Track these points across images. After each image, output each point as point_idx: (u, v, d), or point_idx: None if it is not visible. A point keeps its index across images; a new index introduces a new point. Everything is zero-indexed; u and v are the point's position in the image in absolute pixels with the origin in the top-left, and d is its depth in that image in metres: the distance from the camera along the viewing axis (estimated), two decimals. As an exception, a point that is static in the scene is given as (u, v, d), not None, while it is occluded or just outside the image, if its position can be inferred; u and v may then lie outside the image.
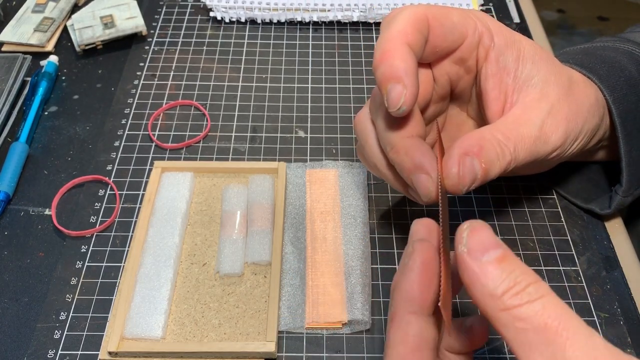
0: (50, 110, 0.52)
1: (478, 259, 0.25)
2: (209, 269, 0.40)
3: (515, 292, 0.24)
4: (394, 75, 0.31)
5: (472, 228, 0.26)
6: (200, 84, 0.54)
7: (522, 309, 0.23)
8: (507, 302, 0.24)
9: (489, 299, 0.24)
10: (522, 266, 0.25)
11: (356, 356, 0.36)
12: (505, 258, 0.25)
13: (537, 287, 0.24)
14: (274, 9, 0.60)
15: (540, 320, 0.23)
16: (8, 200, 0.44)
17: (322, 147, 0.48)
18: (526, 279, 0.24)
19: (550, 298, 0.23)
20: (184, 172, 0.45)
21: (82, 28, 0.57)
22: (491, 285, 0.24)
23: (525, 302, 0.23)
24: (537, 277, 0.24)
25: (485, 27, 0.35)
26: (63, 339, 0.37)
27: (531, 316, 0.23)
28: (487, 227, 0.26)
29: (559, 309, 0.23)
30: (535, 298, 0.23)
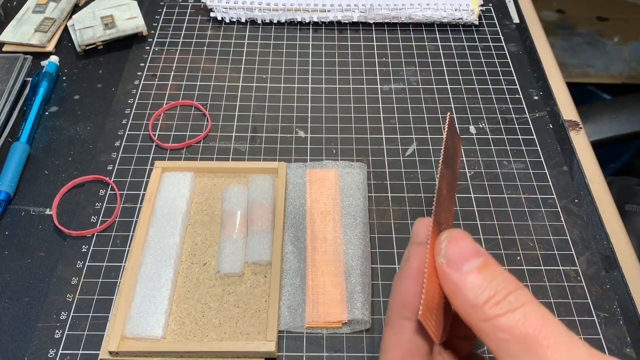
0: (51, 111, 0.52)
1: (457, 269, 0.25)
2: (209, 269, 0.40)
3: (496, 302, 0.24)
4: None
5: (450, 238, 0.25)
6: (201, 84, 0.54)
7: (503, 318, 0.23)
8: (488, 312, 0.24)
9: (471, 309, 0.24)
10: (504, 273, 0.25)
11: (356, 356, 0.36)
12: (486, 266, 0.25)
13: (518, 295, 0.24)
14: (274, 10, 0.60)
15: (522, 329, 0.23)
16: (9, 200, 0.44)
17: (322, 147, 0.48)
18: (507, 287, 0.24)
19: (532, 306, 0.23)
20: (185, 172, 0.45)
21: (82, 28, 0.57)
22: (471, 295, 0.24)
23: (506, 311, 0.23)
24: (519, 285, 0.24)
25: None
26: (64, 339, 0.37)
27: (512, 326, 0.23)
28: (466, 236, 0.26)
29: (540, 316, 0.23)
30: (517, 307, 0.23)
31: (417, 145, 0.48)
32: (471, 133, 0.49)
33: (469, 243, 0.25)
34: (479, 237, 0.42)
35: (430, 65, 0.56)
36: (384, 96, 0.53)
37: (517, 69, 0.55)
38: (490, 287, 0.24)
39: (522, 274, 0.40)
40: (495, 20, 0.61)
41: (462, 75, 0.55)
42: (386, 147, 0.48)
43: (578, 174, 0.46)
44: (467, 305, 0.24)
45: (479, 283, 0.24)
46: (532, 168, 0.46)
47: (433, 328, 0.25)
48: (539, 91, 0.53)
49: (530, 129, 0.50)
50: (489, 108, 0.52)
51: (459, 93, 0.53)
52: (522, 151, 0.48)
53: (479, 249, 0.25)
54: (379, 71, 0.55)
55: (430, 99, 0.52)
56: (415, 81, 0.54)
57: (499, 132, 0.49)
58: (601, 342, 0.37)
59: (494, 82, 0.54)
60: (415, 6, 0.59)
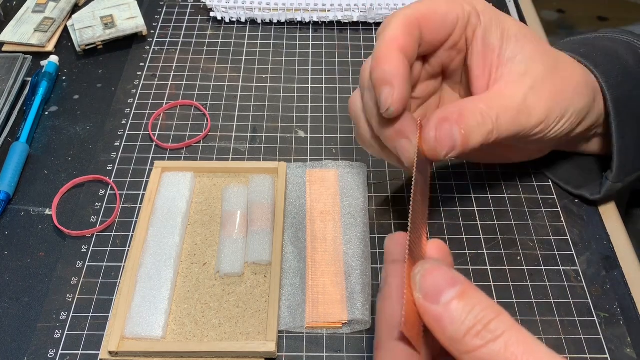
0: (51, 110, 0.52)
1: (435, 302, 0.24)
2: (209, 269, 0.40)
3: (476, 333, 0.23)
4: (384, 79, 0.32)
5: (423, 272, 0.25)
6: (201, 84, 0.54)
7: (484, 350, 0.23)
8: (469, 345, 0.23)
9: (452, 342, 0.24)
10: (483, 300, 0.24)
11: (356, 356, 0.36)
12: (464, 295, 0.24)
13: (498, 322, 0.23)
14: (274, 9, 0.60)
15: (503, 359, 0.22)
16: (8, 200, 0.44)
17: (322, 147, 0.48)
18: (487, 315, 0.23)
19: (512, 333, 0.23)
20: (184, 172, 0.45)
21: (82, 28, 0.57)
22: (451, 328, 0.24)
23: (487, 342, 0.23)
24: (499, 311, 0.24)
25: (472, 6, 0.36)
26: (63, 339, 0.37)
27: (493, 357, 0.23)
28: (440, 266, 0.25)
29: (522, 343, 0.23)
30: (497, 336, 0.23)
31: (417, 145, 0.48)
32: (471, 133, 0.49)
33: (443, 273, 0.25)
34: (479, 237, 0.42)
35: (431, 65, 0.56)
36: (384, 96, 0.53)
37: (517, 68, 0.55)
38: (469, 317, 0.24)
39: (522, 274, 0.40)
40: (496, 20, 0.61)
41: (462, 75, 0.55)
42: (386, 147, 0.48)
43: (578, 174, 0.46)
44: (447, 338, 0.24)
45: (458, 314, 0.24)
46: (532, 168, 0.46)
47: (415, 339, 0.25)
48: (539, 91, 0.53)
49: (530, 129, 0.50)
50: (489, 108, 0.51)
51: (459, 93, 0.53)
52: (522, 151, 0.48)
53: (454, 276, 0.25)
54: (379, 71, 0.55)
55: (431, 99, 0.52)
56: (415, 81, 0.54)
57: (499, 132, 0.49)
58: (601, 342, 0.37)
59: (494, 82, 0.54)
60: (415, 6, 0.59)
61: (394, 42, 0.33)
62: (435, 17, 0.35)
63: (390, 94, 0.32)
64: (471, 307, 0.24)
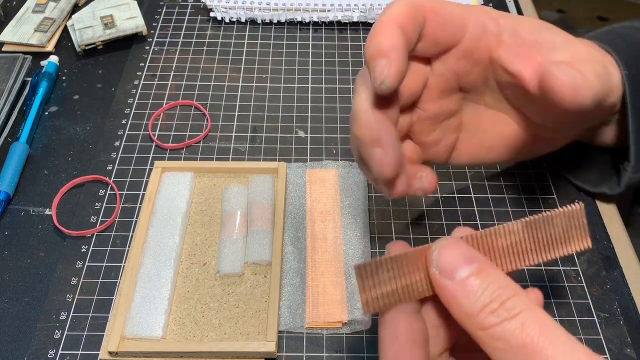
0: (51, 110, 0.52)
1: (450, 278, 0.24)
2: (209, 269, 0.40)
3: (492, 310, 0.23)
4: (380, 50, 0.31)
5: (440, 248, 0.25)
6: (201, 84, 0.54)
7: (499, 327, 0.23)
8: (484, 322, 0.23)
9: (467, 318, 0.24)
10: (501, 279, 0.24)
11: (356, 356, 0.36)
12: (481, 272, 0.24)
13: (515, 301, 0.23)
14: (274, 9, 0.60)
15: (519, 339, 0.22)
16: (8, 200, 0.44)
17: (322, 147, 0.48)
18: (504, 293, 0.23)
19: (530, 313, 0.23)
20: (184, 172, 0.45)
21: (82, 28, 0.57)
22: (466, 304, 0.24)
23: (503, 319, 0.23)
24: (516, 290, 0.24)
25: (487, 15, 0.34)
26: (63, 339, 0.37)
27: (509, 335, 0.22)
28: (458, 243, 0.25)
29: (538, 324, 0.22)
30: (513, 315, 0.23)
31: (417, 145, 0.48)
32: (471, 133, 0.49)
33: (460, 250, 0.25)
34: (479, 237, 0.42)
35: (431, 65, 0.56)
36: (384, 96, 0.53)
37: (517, 68, 0.55)
38: (485, 294, 0.23)
39: (523, 274, 0.40)
40: (496, 20, 0.61)
41: (462, 75, 0.55)
42: (386, 147, 0.48)
43: (578, 174, 0.46)
44: (463, 314, 0.24)
45: (474, 290, 0.24)
46: (533, 168, 0.46)
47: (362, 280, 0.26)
48: (539, 91, 0.53)
49: (530, 129, 0.50)
50: (489, 108, 0.51)
51: (459, 93, 0.53)
52: (522, 151, 0.48)
53: (473, 254, 0.25)
54: (379, 71, 0.55)
55: (431, 99, 0.52)
56: (415, 81, 0.54)
57: (499, 132, 0.49)
58: (601, 342, 0.37)
59: (494, 82, 0.54)
60: (415, 6, 0.59)
61: (393, 19, 0.32)
62: (443, 12, 0.33)
63: (387, 65, 0.30)
64: (487, 284, 0.24)
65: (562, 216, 0.27)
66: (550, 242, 0.27)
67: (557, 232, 0.27)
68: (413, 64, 0.35)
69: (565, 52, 0.34)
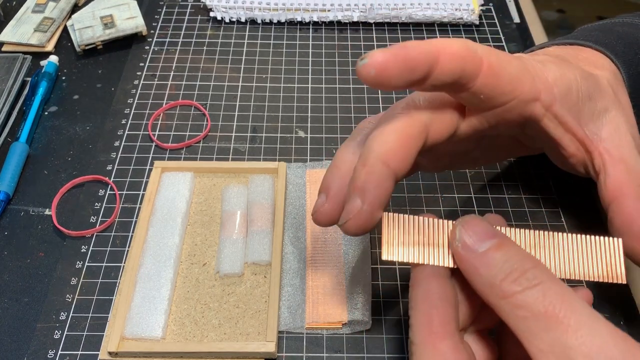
0: (50, 110, 0.52)
1: (472, 251, 0.25)
2: (209, 269, 0.40)
3: (514, 279, 0.24)
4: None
5: (463, 223, 0.26)
6: (200, 84, 0.54)
7: (521, 296, 0.23)
8: (505, 290, 0.24)
9: (488, 288, 0.24)
10: (521, 252, 0.25)
11: (356, 356, 0.36)
12: (502, 246, 0.25)
13: (536, 272, 0.24)
14: (274, 9, 0.60)
15: (540, 307, 0.23)
16: (8, 200, 0.44)
17: (322, 147, 0.48)
18: (524, 264, 0.24)
19: (551, 283, 0.23)
20: (184, 172, 0.45)
21: (82, 28, 0.57)
22: (488, 274, 0.24)
23: (524, 288, 0.23)
24: (537, 262, 0.24)
25: (543, 82, 0.31)
26: (63, 339, 0.37)
27: (530, 303, 0.23)
28: (479, 220, 0.26)
29: (559, 294, 0.23)
30: (535, 284, 0.23)
31: (417, 145, 0.48)
32: (471, 133, 0.49)
33: (483, 226, 0.26)
34: (480, 237, 0.42)
35: (431, 65, 0.56)
36: (384, 96, 0.53)
37: (518, 68, 0.55)
38: (506, 265, 0.24)
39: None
40: (496, 20, 0.61)
41: (462, 75, 0.55)
42: (386, 147, 0.48)
43: (578, 174, 0.46)
44: (485, 284, 0.24)
45: (495, 262, 0.24)
46: (533, 168, 0.46)
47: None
48: (539, 91, 0.53)
49: (530, 129, 0.50)
50: (489, 108, 0.51)
51: (459, 93, 0.53)
52: (522, 151, 0.48)
53: (493, 230, 0.26)
54: (379, 71, 0.55)
55: (431, 99, 0.52)
56: (415, 81, 0.54)
57: (500, 132, 0.49)
58: (602, 343, 0.37)
59: (494, 82, 0.54)
60: (416, 6, 0.59)
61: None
62: (501, 73, 0.29)
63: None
64: (508, 256, 0.24)
65: (599, 244, 0.28)
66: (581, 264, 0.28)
67: (591, 257, 0.28)
68: (448, 112, 0.31)
69: (608, 123, 0.34)
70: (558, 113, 0.32)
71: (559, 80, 0.32)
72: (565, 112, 0.32)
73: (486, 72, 0.28)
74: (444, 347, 0.25)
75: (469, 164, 0.41)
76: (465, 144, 0.35)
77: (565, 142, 0.34)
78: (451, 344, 0.25)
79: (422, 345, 0.25)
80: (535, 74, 0.31)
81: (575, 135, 0.33)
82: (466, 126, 0.32)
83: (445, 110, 0.30)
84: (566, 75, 0.33)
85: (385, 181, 0.27)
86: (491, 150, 0.39)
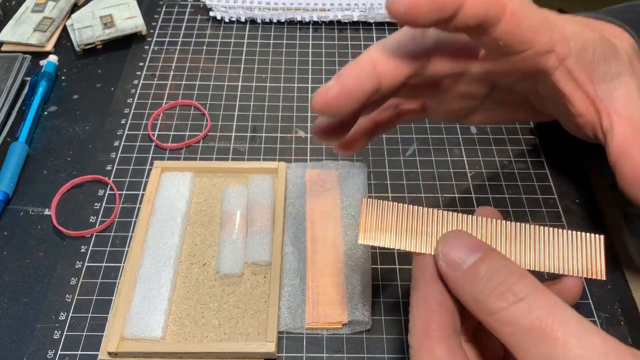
0: (50, 110, 0.52)
1: (457, 268, 0.25)
2: (209, 269, 0.40)
3: (499, 294, 0.23)
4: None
5: (445, 240, 0.26)
6: (200, 84, 0.54)
7: (506, 312, 0.23)
8: (491, 307, 0.23)
9: (475, 304, 0.24)
10: (505, 264, 0.24)
11: (356, 356, 0.36)
12: (485, 259, 0.25)
13: (521, 285, 0.23)
14: (274, 9, 0.60)
15: (527, 322, 0.22)
16: (8, 200, 0.44)
17: (322, 147, 0.48)
18: (509, 278, 0.24)
19: (535, 296, 0.23)
20: (184, 172, 0.45)
21: (81, 28, 0.57)
22: (474, 291, 0.24)
23: (510, 303, 0.23)
24: (522, 274, 0.24)
25: (561, 35, 0.32)
26: (63, 339, 0.37)
27: (517, 319, 0.23)
28: (462, 234, 0.26)
29: (546, 307, 0.23)
30: (520, 298, 0.23)
31: (417, 145, 0.48)
32: (472, 133, 0.49)
33: (465, 240, 0.26)
34: (480, 238, 0.42)
35: (431, 65, 0.56)
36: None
37: (518, 68, 0.55)
38: (491, 280, 0.24)
39: (523, 274, 0.40)
40: (496, 20, 0.60)
41: (462, 74, 0.55)
42: (386, 147, 0.48)
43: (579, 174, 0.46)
44: (471, 301, 0.24)
45: (480, 278, 0.24)
46: (533, 168, 0.46)
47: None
48: (539, 91, 0.53)
49: (531, 129, 0.50)
50: (490, 108, 0.51)
51: (459, 93, 0.53)
52: (523, 151, 0.48)
53: (477, 243, 0.25)
54: (379, 71, 0.55)
55: (431, 99, 0.52)
56: (415, 81, 0.54)
57: (500, 131, 0.49)
58: (602, 343, 0.36)
59: (495, 81, 0.54)
60: (416, 6, 0.59)
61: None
62: (522, 20, 0.30)
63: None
64: (493, 271, 0.24)
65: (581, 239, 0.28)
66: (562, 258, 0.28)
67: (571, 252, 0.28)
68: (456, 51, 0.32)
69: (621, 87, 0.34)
70: (571, 67, 0.33)
71: (576, 36, 0.32)
72: (579, 67, 0.33)
73: (508, 19, 0.29)
74: (440, 351, 0.25)
75: (478, 117, 0.40)
76: (475, 87, 0.35)
77: (576, 100, 0.34)
78: (448, 347, 0.25)
79: (418, 349, 0.25)
80: (555, 26, 0.31)
81: (587, 94, 0.34)
82: (478, 67, 0.32)
83: (453, 49, 0.31)
84: (584, 32, 0.33)
85: (364, 78, 0.28)
86: (501, 107, 0.38)
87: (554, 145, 0.48)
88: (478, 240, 0.26)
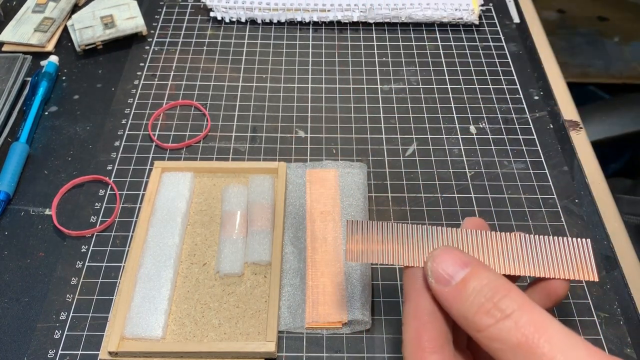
0: (51, 110, 0.52)
1: (446, 285, 0.25)
2: (209, 269, 0.40)
3: (486, 311, 0.24)
4: None
5: (432, 258, 0.26)
6: (201, 84, 0.54)
7: (494, 329, 0.23)
8: (479, 324, 0.24)
9: (465, 321, 0.24)
10: (493, 279, 0.24)
11: (356, 356, 0.36)
12: (472, 276, 0.25)
13: (508, 300, 0.23)
14: (274, 9, 0.60)
15: (514, 338, 0.22)
16: (8, 200, 0.44)
17: (322, 147, 0.48)
18: (495, 294, 0.24)
19: (524, 310, 0.23)
20: (184, 172, 0.45)
21: (82, 28, 0.57)
22: (462, 308, 0.24)
23: (497, 320, 0.23)
24: (509, 288, 0.24)
25: None
26: (63, 339, 0.37)
27: (504, 336, 0.23)
28: (449, 250, 0.26)
29: (532, 322, 0.23)
30: (507, 314, 0.23)
31: (417, 145, 0.48)
32: (471, 133, 0.49)
33: (452, 256, 0.26)
34: (479, 237, 0.42)
35: (431, 65, 0.56)
36: (384, 96, 0.53)
37: (518, 68, 0.55)
38: (479, 296, 0.24)
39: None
40: (496, 20, 0.61)
41: (462, 75, 0.55)
42: (386, 147, 0.48)
43: (578, 174, 0.46)
44: (460, 317, 0.24)
45: (467, 295, 0.24)
46: (533, 168, 0.46)
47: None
48: (539, 91, 0.53)
49: (530, 129, 0.50)
50: (489, 108, 0.52)
51: (459, 93, 0.53)
52: (522, 151, 0.48)
53: (465, 259, 0.25)
54: (379, 71, 0.55)
55: (431, 99, 0.52)
56: (415, 81, 0.54)
57: (500, 132, 0.49)
58: (602, 343, 0.37)
59: (495, 82, 0.54)
60: (416, 6, 0.59)
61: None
62: None
63: None
64: (480, 287, 0.24)
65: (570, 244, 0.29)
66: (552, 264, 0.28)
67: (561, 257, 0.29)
68: None
69: None
70: None
71: None
72: None
73: None
74: None
75: None
76: None
77: None
78: (440, 358, 0.25)
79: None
80: None
81: None
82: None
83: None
84: None
85: None
86: None
87: (553, 145, 0.48)
88: (466, 254, 0.26)
